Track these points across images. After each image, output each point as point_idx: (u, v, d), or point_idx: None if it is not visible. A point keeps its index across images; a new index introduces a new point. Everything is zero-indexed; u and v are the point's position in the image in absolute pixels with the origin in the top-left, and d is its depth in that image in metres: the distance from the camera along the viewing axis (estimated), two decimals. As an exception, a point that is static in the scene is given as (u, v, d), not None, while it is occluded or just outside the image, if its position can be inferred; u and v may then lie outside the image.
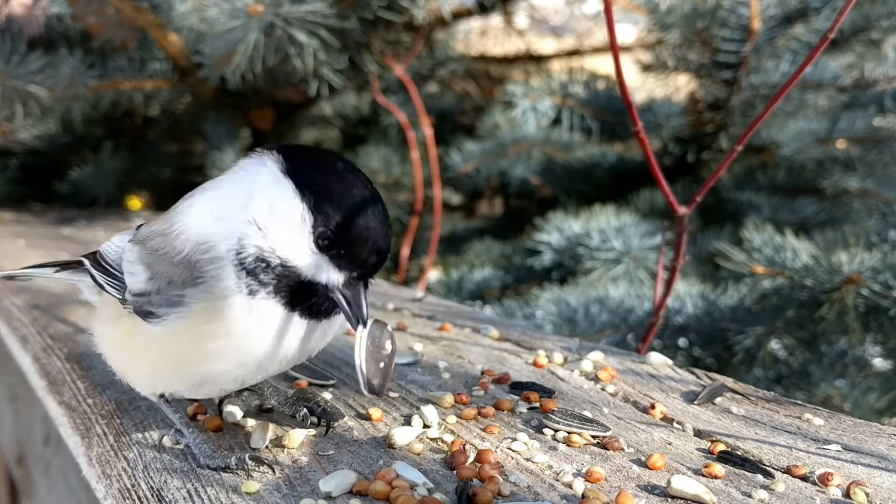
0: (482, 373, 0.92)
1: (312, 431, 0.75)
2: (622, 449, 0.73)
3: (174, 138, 2.86)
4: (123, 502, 0.66)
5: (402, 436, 0.73)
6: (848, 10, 0.91)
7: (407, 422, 0.77)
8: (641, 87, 2.57)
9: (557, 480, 0.67)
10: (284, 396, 0.80)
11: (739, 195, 2.18)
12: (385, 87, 2.52)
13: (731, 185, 2.22)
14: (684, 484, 0.64)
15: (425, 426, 0.76)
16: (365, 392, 0.66)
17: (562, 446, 0.73)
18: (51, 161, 2.73)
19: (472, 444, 0.73)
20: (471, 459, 0.69)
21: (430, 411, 0.78)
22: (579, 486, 0.65)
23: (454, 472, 0.67)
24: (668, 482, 0.64)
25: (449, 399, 0.83)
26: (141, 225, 0.79)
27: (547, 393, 0.85)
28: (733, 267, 1.64)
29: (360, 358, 0.66)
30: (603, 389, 0.89)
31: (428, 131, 2.23)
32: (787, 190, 2.20)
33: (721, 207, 2.20)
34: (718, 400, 0.87)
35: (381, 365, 0.68)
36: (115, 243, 0.79)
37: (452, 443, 0.73)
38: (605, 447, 0.73)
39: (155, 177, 2.81)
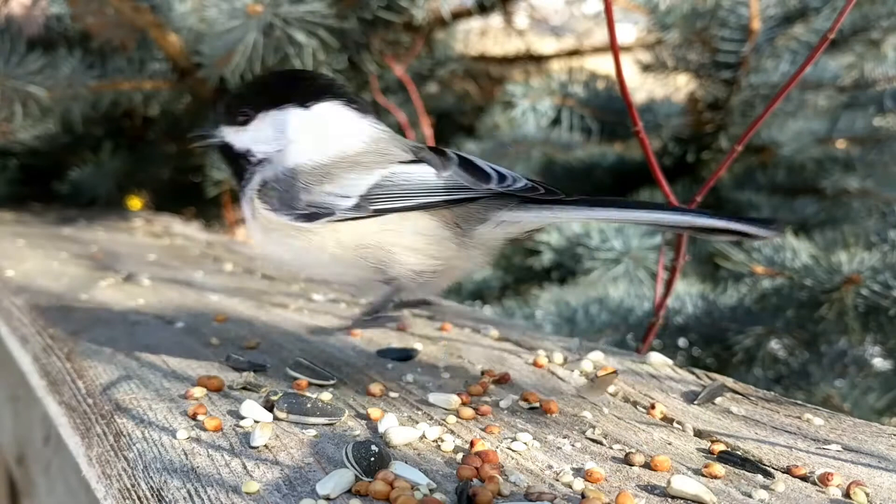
0: (482, 373, 0.92)
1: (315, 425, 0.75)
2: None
3: (174, 138, 2.86)
4: (123, 502, 0.66)
5: (400, 435, 0.73)
6: (848, 11, 0.91)
7: (406, 422, 0.77)
8: (641, 87, 2.57)
9: (557, 480, 0.67)
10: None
11: (739, 195, 2.18)
12: (385, 87, 2.52)
13: (731, 185, 2.22)
14: (684, 484, 0.63)
15: (425, 426, 0.76)
16: None
17: (565, 446, 0.73)
18: (51, 161, 2.72)
19: (470, 444, 0.73)
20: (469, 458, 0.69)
21: (429, 411, 0.78)
22: (579, 486, 0.65)
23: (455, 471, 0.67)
24: (668, 482, 0.64)
25: (449, 399, 0.83)
26: None
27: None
28: (733, 267, 1.64)
29: None
30: (603, 389, 0.89)
31: (428, 131, 2.23)
32: (787, 190, 2.20)
33: (721, 207, 2.20)
34: (718, 400, 0.87)
35: None
36: None
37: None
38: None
39: (155, 177, 2.81)
